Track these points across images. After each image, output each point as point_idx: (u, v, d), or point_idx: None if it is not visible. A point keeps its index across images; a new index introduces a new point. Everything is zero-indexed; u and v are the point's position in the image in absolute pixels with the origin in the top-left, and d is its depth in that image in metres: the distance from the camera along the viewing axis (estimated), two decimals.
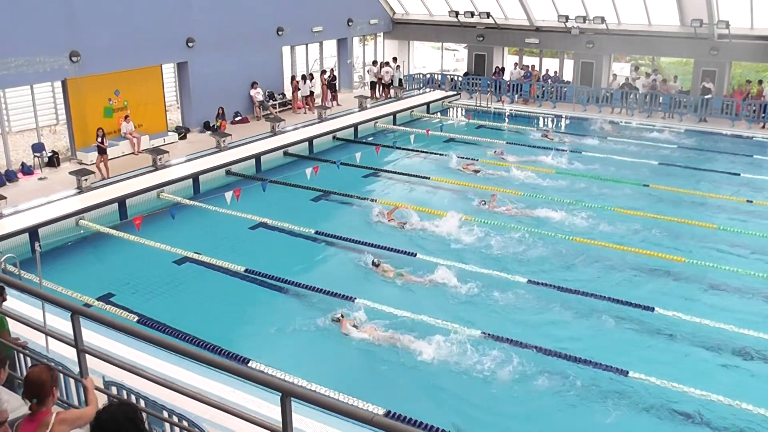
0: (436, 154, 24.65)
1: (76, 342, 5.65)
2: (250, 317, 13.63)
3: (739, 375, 11.74)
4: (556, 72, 33.89)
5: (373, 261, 15.41)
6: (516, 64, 34.80)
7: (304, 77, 30.62)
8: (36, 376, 4.98)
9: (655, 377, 11.07)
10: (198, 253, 15.74)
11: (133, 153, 23.26)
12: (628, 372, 11.22)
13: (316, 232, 17.23)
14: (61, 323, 9.79)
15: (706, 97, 29.25)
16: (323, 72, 31.90)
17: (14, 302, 11.45)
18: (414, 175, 22.13)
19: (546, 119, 30.92)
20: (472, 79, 34.71)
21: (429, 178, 21.74)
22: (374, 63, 34.78)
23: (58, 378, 5.25)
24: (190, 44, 25.64)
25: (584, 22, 31.20)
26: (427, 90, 34.88)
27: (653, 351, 12.45)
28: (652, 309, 13.34)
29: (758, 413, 10.23)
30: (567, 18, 31.39)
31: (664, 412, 10.56)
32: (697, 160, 24.30)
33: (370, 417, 4.06)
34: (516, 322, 13.14)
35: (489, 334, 12.28)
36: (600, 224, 18.03)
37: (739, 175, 22.45)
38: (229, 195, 17.73)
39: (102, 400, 6.80)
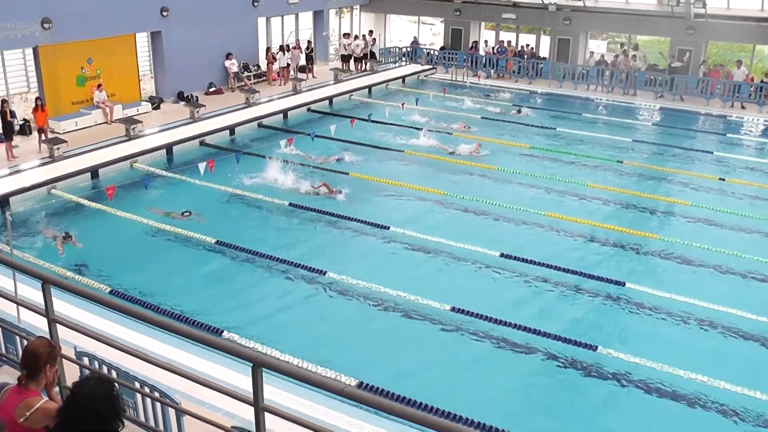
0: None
1: (47, 311, 5.63)
2: (220, 288, 13.59)
3: (710, 350, 11.87)
4: (532, 47, 33.88)
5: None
6: (486, 41, 34.78)
7: (282, 48, 30.40)
8: (32, 348, 4.81)
9: (624, 353, 11.20)
10: (170, 225, 15.67)
11: (105, 122, 23.01)
12: (597, 347, 11.36)
13: (290, 204, 17.20)
14: (33, 293, 9.71)
15: (674, 76, 29.38)
16: (290, 46, 31.67)
17: None
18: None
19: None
20: (449, 53, 34.65)
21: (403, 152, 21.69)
22: (345, 35, 34.52)
23: (56, 358, 4.93)
24: (164, 13, 25.30)
25: None
26: (403, 63, 34.75)
27: (623, 326, 12.65)
28: (623, 284, 13.52)
29: (724, 387, 10.40)
30: None
31: (634, 388, 10.68)
32: (670, 138, 24.57)
33: (341, 387, 4.12)
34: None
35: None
36: (572, 199, 18.23)
37: (712, 153, 22.68)
38: (202, 166, 17.63)
39: (74, 370, 6.81)
